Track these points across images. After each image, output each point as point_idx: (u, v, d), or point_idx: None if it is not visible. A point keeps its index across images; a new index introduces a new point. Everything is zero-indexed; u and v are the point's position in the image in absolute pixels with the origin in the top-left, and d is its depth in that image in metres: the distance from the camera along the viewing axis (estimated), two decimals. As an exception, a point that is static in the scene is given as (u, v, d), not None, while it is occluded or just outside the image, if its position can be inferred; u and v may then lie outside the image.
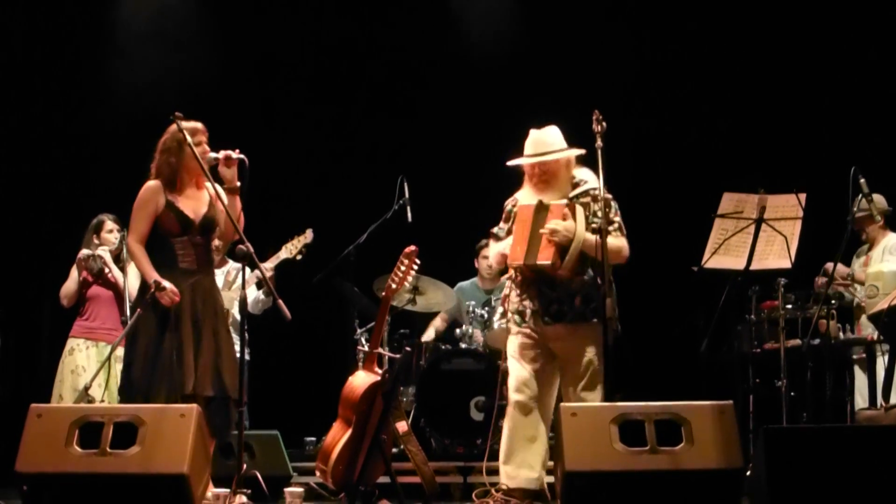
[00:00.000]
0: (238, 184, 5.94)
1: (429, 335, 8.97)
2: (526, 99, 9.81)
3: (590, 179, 5.90)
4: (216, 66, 10.28)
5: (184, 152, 5.93)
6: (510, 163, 6.03)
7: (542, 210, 5.76)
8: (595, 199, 5.78)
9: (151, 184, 5.99)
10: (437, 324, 9.06)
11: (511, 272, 5.99)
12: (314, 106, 10.54)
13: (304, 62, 10.62)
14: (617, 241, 5.76)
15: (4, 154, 9.66)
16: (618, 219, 5.85)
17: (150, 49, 10.19)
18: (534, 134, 5.98)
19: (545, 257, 5.67)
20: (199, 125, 6.10)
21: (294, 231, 7.90)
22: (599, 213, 5.66)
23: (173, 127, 5.95)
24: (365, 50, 10.60)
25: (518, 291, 5.95)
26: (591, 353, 5.72)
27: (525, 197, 5.96)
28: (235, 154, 5.95)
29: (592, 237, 5.67)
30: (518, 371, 5.90)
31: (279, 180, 10.41)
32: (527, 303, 5.89)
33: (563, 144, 5.96)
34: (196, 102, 9.50)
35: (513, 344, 5.97)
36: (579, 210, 5.70)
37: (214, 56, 10.28)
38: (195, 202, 6.03)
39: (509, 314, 5.98)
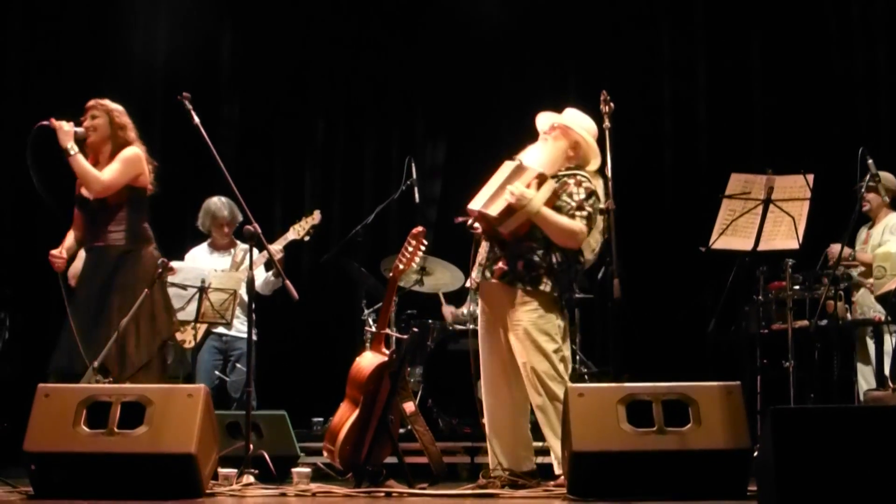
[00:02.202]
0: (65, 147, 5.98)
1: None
2: (536, 81, 9.79)
3: (590, 178, 5.73)
4: (223, 43, 10.26)
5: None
6: (539, 116, 5.94)
7: (519, 170, 5.67)
8: (579, 183, 5.66)
9: None
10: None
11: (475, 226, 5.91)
12: (322, 86, 10.53)
13: (311, 46, 10.60)
14: (570, 223, 5.57)
15: (12, 133, 9.65)
16: (589, 209, 5.62)
17: (160, 25, 10.16)
18: (573, 110, 5.89)
19: (493, 210, 5.57)
20: (90, 103, 6.22)
21: (302, 211, 7.90)
22: (576, 197, 5.60)
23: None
24: (375, 28, 10.58)
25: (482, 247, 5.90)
26: (527, 320, 5.58)
27: (527, 151, 5.89)
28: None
29: (549, 213, 5.55)
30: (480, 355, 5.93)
31: (287, 160, 10.42)
32: (480, 258, 5.85)
33: (586, 132, 5.79)
34: (204, 81, 9.55)
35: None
36: (548, 185, 5.58)
37: (222, 33, 10.26)
38: None
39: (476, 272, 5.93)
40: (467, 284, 6.15)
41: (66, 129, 5.99)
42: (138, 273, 5.97)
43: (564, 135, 5.80)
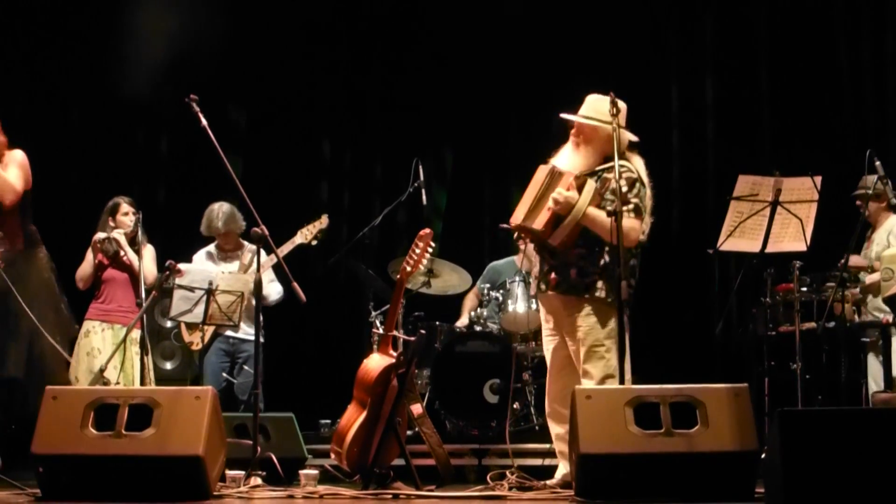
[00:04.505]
0: None
1: (463, 321, 8.84)
2: (543, 87, 9.78)
3: (630, 166, 5.66)
4: (231, 47, 10.26)
5: None
6: (562, 115, 5.88)
7: (554, 176, 5.64)
8: (619, 176, 5.45)
9: None
10: (471, 304, 8.95)
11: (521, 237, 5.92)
12: (330, 89, 10.53)
13: (317, 45, 10.60)
14: (623, 222, 5.37)
15: (16, 136, 9.66)
16: (636, 200, 5.58)
17: (162, 23, 10.15)
18: (593, 96, 5.82)
19: (538, 223, 5.56)
20: None
21: (309, 215, 7.90)
22: (619, 193, 5.46)
23: None
24: (383, 33, 10.58)
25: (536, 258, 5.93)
26: (585, 326, 5.59)
27: (560, 155, 5.89)
28: None
29: (596, 213, 5.53)
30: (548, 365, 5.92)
31: (294, 162, 10.41)
32: (535, 268, 5.88)
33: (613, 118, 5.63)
34: (211, 84, 9.53)
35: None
36: (589, 185, 5.54)
37: (229, 36, 10.26)
38: None
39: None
40: (531, 292, 6.09)
41: None
42: (34, 275, 5.91)
43: (593, 133, 5.75)
